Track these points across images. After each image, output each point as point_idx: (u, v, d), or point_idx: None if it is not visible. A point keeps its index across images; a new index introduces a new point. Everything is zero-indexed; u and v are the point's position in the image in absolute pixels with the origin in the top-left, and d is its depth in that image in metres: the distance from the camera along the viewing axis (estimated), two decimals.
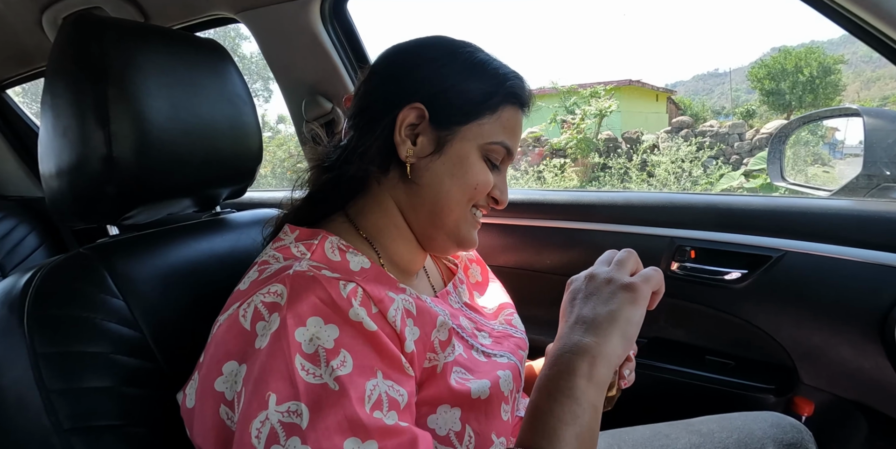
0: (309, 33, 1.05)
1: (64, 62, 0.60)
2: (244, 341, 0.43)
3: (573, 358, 0.46)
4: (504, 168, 0.62)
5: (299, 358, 0.41)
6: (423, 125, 0.56)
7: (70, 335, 0.50)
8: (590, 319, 0.49)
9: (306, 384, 0.40)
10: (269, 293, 0.44)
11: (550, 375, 0.46)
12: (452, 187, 0.56)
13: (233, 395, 0.42)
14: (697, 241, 0.96)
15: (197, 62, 0.70)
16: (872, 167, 0.94)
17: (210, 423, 0.44)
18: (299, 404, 0.39)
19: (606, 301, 0.50)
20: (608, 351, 0.47)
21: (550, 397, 0.44)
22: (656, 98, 14.14)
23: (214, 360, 0.44)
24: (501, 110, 0.58)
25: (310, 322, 0.42)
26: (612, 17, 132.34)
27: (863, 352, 0.86)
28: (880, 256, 0.82)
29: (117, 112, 0.58)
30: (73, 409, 0.47)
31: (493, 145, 0.57)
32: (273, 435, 0.39)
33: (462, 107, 0.56)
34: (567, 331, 0.50)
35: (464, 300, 0.69)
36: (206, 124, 0.68)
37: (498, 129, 0.58)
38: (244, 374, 0.42)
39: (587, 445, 0.44)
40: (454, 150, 0.56)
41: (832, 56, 15.31)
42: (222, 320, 0.46)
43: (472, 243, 0.62)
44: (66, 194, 0.61)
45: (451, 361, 0.53)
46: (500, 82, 0.58)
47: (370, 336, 0.44)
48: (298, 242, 0.54)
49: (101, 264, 0.56)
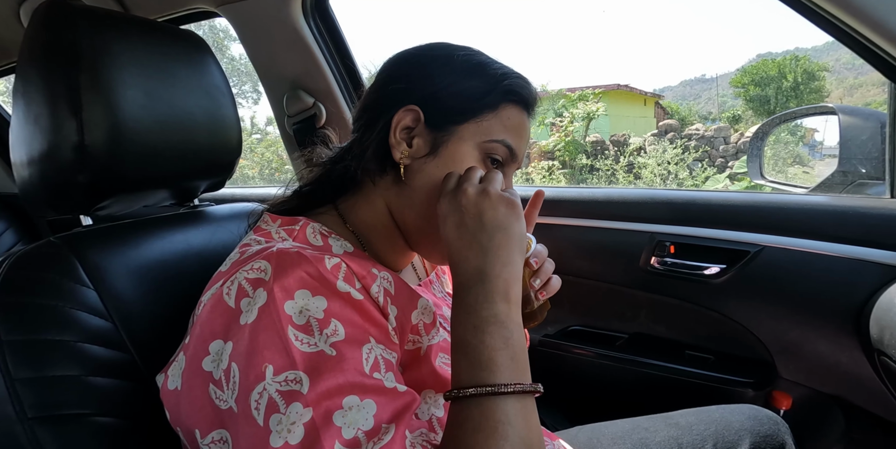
0: (290, 28, 1.04)
1: (35, 49, 0.59)
2: (229, 319, 0.43)
3: (485, 285, 0.46)
4: (509, 173, 0.59)
5: (292, 329, 0.41)
6: (419, 127, 0.55)
7: (37, 323, 0.49)
8: (486, 243, 0.47)
9: (302, 353, 0.40)
10: (253, 270, 0.44)
11: (466, 305, 0.46)
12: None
13: (220, 373, 0.42)
14: (677, 236, 0.97)
15: (174, 52, 0.69)
16: (848, 164, 0.96)
17: (199, 403, 0.43)
18: (297, 373, 0.39)
19: (494, 220, 0.48)
20: (514, 271, 0.47)
21: (477, 329, 0.44)
22: (644, 102, 14.29)
23: (200, 339, 0.44)
24: (502, 109, 0.56)
25: (297, 295, 0.42)
26: (598, 20, 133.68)
27: (839, 346, 0.87)
28: (855, 251, 0.84)
29: (90, 100, 0.57)
30: (38, 397, 0.47)
31: (493, 143, 0.55)
32: (272, 404, 0.38)
33: (458, 106, 0.55)
34: (462, 258, 0.48)
35: (446, 290, 0.69)
36: (182, 115, 0.67)
37: (498, 127, 0.55)
38: (230, 351, 0.41)
39: (522, 362, 0.44)
40: (449, 150, 0.55)
41: (816, 63, 15.60)
42: (206, 300, 0.45)
43: None
44: (38, 183, 0.60)
45: (436, 345, 0.53)
46: (499, 80, 0.56)
47: (358, 305, 0.45)
48: (280, 228, 0.54)
49: (71, 253, 0.55)
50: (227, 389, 0.41)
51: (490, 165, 0.56)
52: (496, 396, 0.41)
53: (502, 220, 0.48)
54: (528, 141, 0.60)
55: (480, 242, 0.47)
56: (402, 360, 0.50)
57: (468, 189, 0.49)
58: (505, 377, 0.42)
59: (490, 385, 0.41)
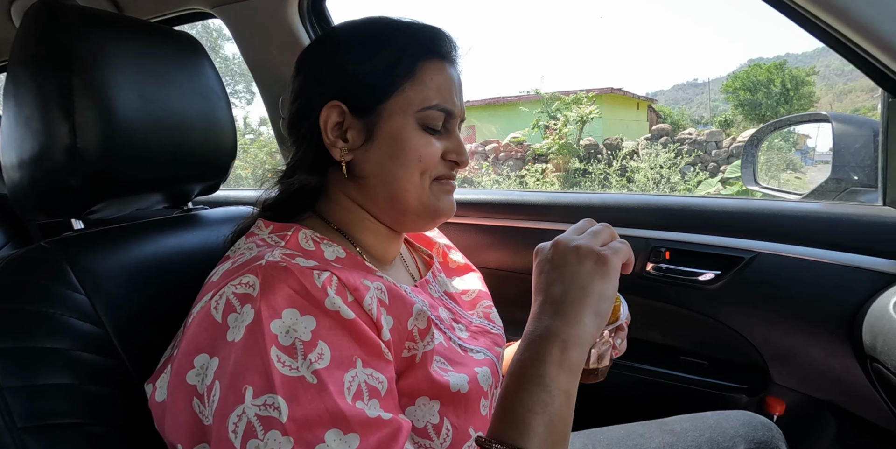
0: (286, 29, 1.03)
1: (27, 50, 0.58)
2: (215, 334, 0.42)
3: (543, 343, 0.44)
4: (453, 128, 0.58)
5: (275, 350, 0.40)
6: (347, 119, 0.55)
7: (27, 330, 0.48)
8: (558, 299, 0.46)
9: (282, 377, 0.39)
10: (241, 284, 0.43)
11: (521, 361, 0.45)
12: (396, 169, 0.55)
13: (203, 388, 0.41)
14: (672, 242, 0.97)
15: (168, 54, 0.68)
16: (841, 171, 0.97)
17: (182, 417, 0.42)
18: (275, 397, 0.38)
19: (575, 275, 0.46)
20: (579, 333, 0.44)
21: (520, 386, 0.43)
22: (637, 106, 14.38)
23: (186, 353, 0.43)
24: (420, 70, 0.54)
25: (285, 314, 0.41)
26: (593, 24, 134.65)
27: (832, 352, 0.88)
28: (848, 258, 0.84)
29: (83, 102, 0.56)
30: (28, 407, 0.46)
31: (426, 111, 0.54)
32: (250, 429, 0.38)
33: (374, 85, 0.54)
34: (537, 312, 0.47)
35: (443, 289, 0.68)
36: (176, 117, 0.66)
37: (423, 92, 0.54)
38: (216, 367, 0.41)
39: (559, 432, 0.42)
40: (384, 131, 0.54)
41: (803, 69, 15.77)
42: (195, 312, 0.45)
43: (446, 212, 0.59)
44: (28, 186, 0.59)
45: (431, 351, 0.52)
46: (407, 43, 0.54)
47: (348, 324, 0.43)
48: (272, 234, 0.54)
49: (62, 258, 0.54)
50: (208, 406, 0.41)
51: (430, 130, 0.55)
52: None
53: (583, 277, 0.46)
54: (461, 90, 0.59)
55: (554, 296, 0.46)
56: (398, 368, 0.49)
57: (561, 239, 0.49)
58: (534, 444, 0.40)
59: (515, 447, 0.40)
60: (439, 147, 0.56)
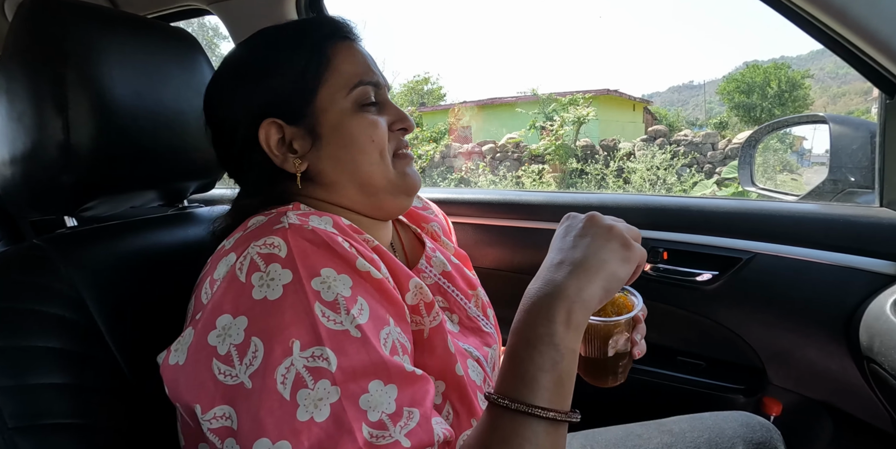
0: None
1: (21, 45, 0.58)
2: (240, 293, 0.42)
3: (552, 302, 0.44)
4: (385, 98, 0.58)
5: (319, 305, 0.41)
6: (287, 131, 0.54)
7: (19, 329, 0.47)
8: (578, 261, 0.46)
9: (328, 330, 0.40)
10: (266, 245, 0.43)
11: (528, 319, 0.45)
12: (354, 156, 0.54)
13: (227, 348, 0.41)
14: (670, 242, 0.97)
15: (164, 50, 0.68)
16: (838, 172, 0.97)
17: (202, 377, 0.42)
18: (324, 349, 0.40)
19: (600, 248, 0.46)
20: (587, 297, 0.45)
21: (529, 344, 0.43)
22: (633, 108, 14.43)
23: (211, 315, 0.43)
24: (334, 57, 0.54)
25: (324, 272, 0.43)
26: (590, 26, 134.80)
27: (829, 353, 0.88)
28: (845, 259, 0.84)
29: (76, 98, 0.55)
30: (19, 407, 0.45)
31: (356, 90, 0.54)
32: (299, 379, 0.39)
33: (297, 88, 0.53)
34: (550, 269, 0.47)
35: (441, 270, 0.66)
36: (172, 114, 0.66)
37: (343, 75, 0.54)
38: (245, 325, 0.41)
39: (566, 388, 0.43)
40: (326, 126, 0.54)
41: (798, 71, 15.87)
42: (220, 278, 0.44)
43: (416, 184, 0.59)
44: (21, 183, 0.58)
45: (439, 326, 0.52)
46: (306, 37, 0.55)
47: (377, 284, 0.45)
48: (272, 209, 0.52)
49: (55, 256, 0.53)
50: (240, 365, 0.40)
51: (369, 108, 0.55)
52: (530, 416, 0.40)
53: (606, 252, 0.46)
54: (374, 62, 0.59)
55: (573, 258, 0.46)
56: None
57: (597, 215, 0.50)
58: (543, 400, 0.41)
59: (527, 404, 0.41)
60: (381, 120, 0.56)
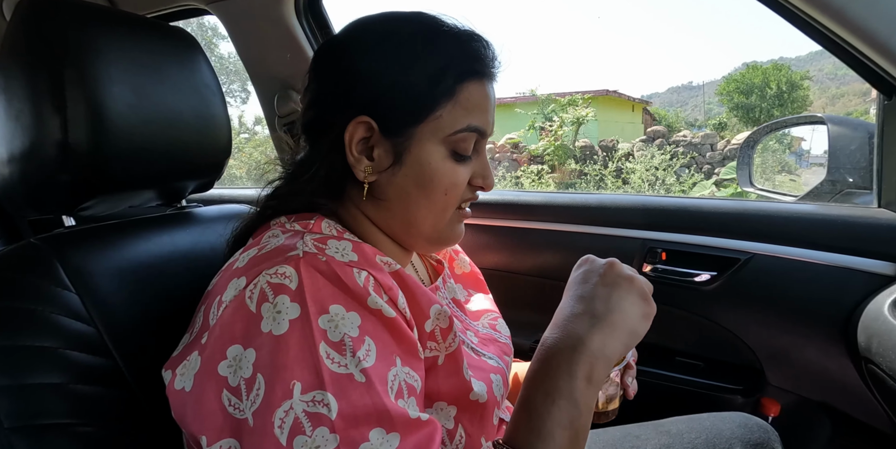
0: (283, 27, 1.03)
1: (18, 43, 0.57)
2: (249, 324, 0.41)
3: (575, 357, 0.43)
4: (481, 149, 0.54)
5: (324, 346, 0.39)
6: (375, 136, 0.50)
7: (16, 329, 0.47)
8: (601, 314, 0.45)
9: (332, 373, 0.39)
10: (277, 274, 0.42)
11: (549, 372, 0.44)
12: (420, 198, 0.51)
13: (237, 380, 0.40)
14: (669, 243, 0.97)
15: (162, 49, 0.67)
16: (836, 173, 0.97)
17: (210, 407, 0.41)
18: (325, 394, 0.38)
19: (622, 300, 0.46)
20: (610, 353, 0.44)
21: (548, 398, 0.42)
22: (632, 108, 14.44)
23: (220, 342, 0.41)
24: (459, 92, 0.49)
25: (333, 309, 0.41)
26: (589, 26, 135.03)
27: (827, 353, 0.88)
28: (844, 259, 0.85)
29: (75, 96, 0.55)
30: (16, 406, 0.45)
31: (459, 134, 0.50)
32: (297, 425, 0.37)
33: (410, 105, 0.49)
34: (569, 320, 0.46)
35: (452, 296, 0.66)
36: (170, 114, 0.66)
37: (460, 113, 0.49)
38: (254, 359, 0.39)
39: (580, 445, 0.43)
40: (414, 156, 0.50)
41: (798, 72, 15.88)
42: (228, 300, 0.43)
43: (455, 239, 0.57)
44: (18, 181, 0.58)
45: (455, 352, 0.51)
46: (449, 59, 0.49)
47: (389, 323, 0.43)
48: (294, 222, 0.51)
49: (53, 255, 0.53)
50: (247, 400, 0.39)
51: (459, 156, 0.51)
52: None
53: (628, 305, 0.46)
54: (494, 107, 0.54)
55: (596, 310, 0.45)
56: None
57: (618, 264, 0.49)
58: None
59: None
60: (466, 174, 0.52)
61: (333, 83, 0.51)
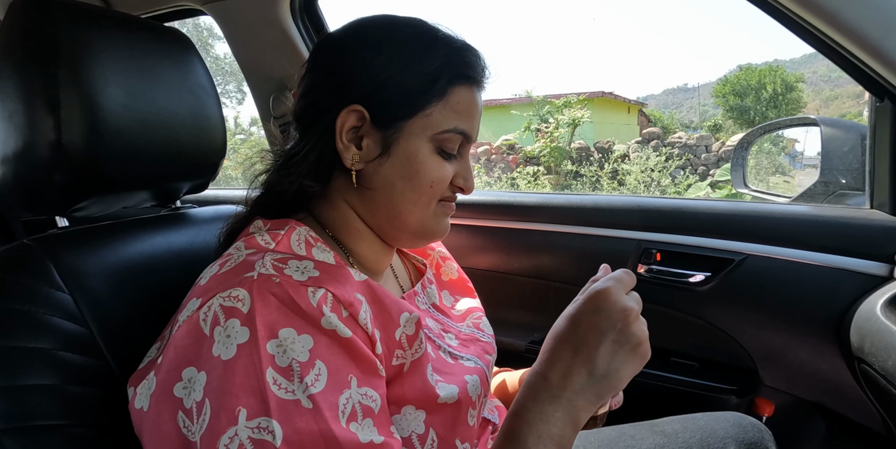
0: (278, 28, 1.03)
1: (12, 43, 0.57)
2: (201, 347, 0.41)
3: (570, 409, 0.46)
4: (465, 152, 0.57)
5: (271, 371, 0.39)
6: (365, 126, 0.51)
7: (8, 329, 0.47)
8: (601, 375, 0.46)
9: (278, 400, 0.38)
10: (230, 298, 0.42)
11: (543, 415, 0.46)
12: (406, 189, 0.53)
13: (191, 403, 0.40)
14: (663, 244, 0.98)
15: (157, 50, 0.67)
16: (829, 175, 0.98)
17: (165, 430, 0.41)
18: (270, 421, 0.38)
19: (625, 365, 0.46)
20: (596, 403, 0.47)
21: (540, 442, 0.45)
22: (628, 110, 14.50)
23: (174, 364, 0.42)
24: (450, 94, 0.52)
25: (282, 333, 0.40)
26: (584, 28, 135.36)
27: (820, 354, 0.88)
28: (837, 260, 0.85)
29: (69, 97, 0.55)
30: (8, 408, 0.44)
31: (446, 134, 0.52)
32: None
33: (404, 100, 0.51)
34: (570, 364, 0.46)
35: (431, 301, 0.67)
36: (165, 114, 0.65)
37: (448, 115, 0.52)
38: (204, 383, 0.40)
39: None
40: (402, 149, 0.52)
41: (793, 74, 15.98)
42: (182, 321, 0.43)
43: (441, 234, 0.58)
44: (12, 182, 0.58)
45: (421, 358, 0.51)
46: (444, 63, 0.51)
47: (345, 343, 0.43)
48: (265, 232, 0.51)
49: (46, 256, 0.53)
50: (196, 423, 0.39)
51: (445, 154, 0.53)
52: None
53: (625, 371, 0.46)
54: (480, 114, 0.57)
55: (596, 369, 0.46)
56: (388, 375, 0.48)
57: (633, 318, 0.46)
58: None
59: None
60: (451, 172, 0.54)
61: (331, 73, 0.53)
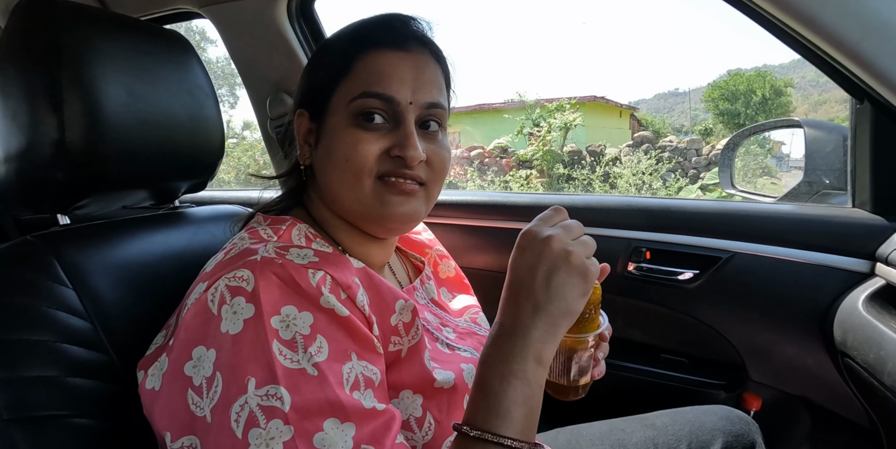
0: (275, 30, 1.04)
1: (15, 44, 0.58)
2: (210, 325, 0.43)
3: (525, 343, 0.45)
4: (403, 118, 0.52)
5: (277, 343, 0.41)
6: (311, 125, 0.56)
7: (13, 323, 0.48)
8: (542, 304, 0.45)
9: (284, 369, 0.41)
10: (235, 278, 0.44)
11: (501, 355, 0.45)
12: (331, 171, 0.53)
13: (200, 380, 0.42)
14: (653, 242, 1.00)
15: (156, 51, 0.69)
16: (813, 174, 1.01)
17: (175, 406, 0.43)
18: (278, 388, 0.40)
19: (562, 287, 0.45)
20: (554, 336, 0.46)
21: (504, 380, 0.44)
22: (620, 114, 14.61)
23: (184, 344, 0.44)
24: (355, 63, 0.53)
25: (284, 310, 0.43)
26: (576, 32, 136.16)
27: (806, 349, 0.91)
28: (821, 258, 0.87)
29: (71, 97, 0.56)
30: (13, 398, 0.45)
31: (356, 101, 0.51)
32: (252, 418, 0.39)
33: (321, 87, 0.55)
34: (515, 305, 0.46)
35: (430, 297, 0.69)
36: (164, 115, 0.67)
37: (356, 83, 0.52)
38: (214, 358, 0.42)
39: (534, 420, 0.45)
40: (324, 131, 0.54)
41: (782, 79, 16.17)
42: (190, 304, 0.45)
43: (393, 216, 0.53)
44: (14, 180, 0.59)
45: (417, 344, 0.53)
46: (349, 39, 0.55)
47: (343, 321, 0.45)
48: (267, 226, 0.54)
49: (49, 252, 0.54)
50: (206, 398, 0.41)
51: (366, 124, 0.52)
52: (502, 447, 0.42)
53: (569, 292, 0.45)
54: (423, 74, 0.53)
55: (538, 300, 0.45)
56: (385, 361, 0.50)
57: (556, 242, 0.45)
58: (515, 432, 0.43)
59: (500, 435, 0.42)
60: (377, 143, 0.52)
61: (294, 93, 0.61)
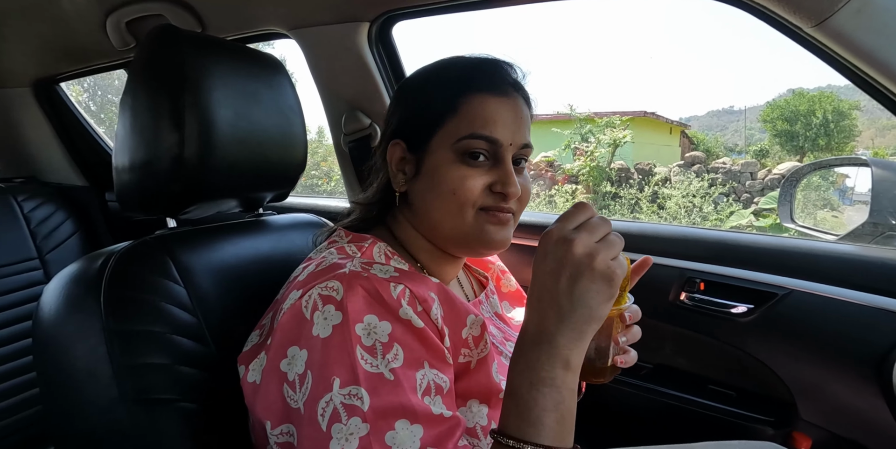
0: (355, 54, 1.12)
1: (146, 69, 0.67)
2: (303, 328, 0.49)
3: (552, 351, 0.46)
4: (502, 157, 0.58)
5: (360, 349, 0.47)
6: (407, 155, 0.62)
7: (138, 315, 0.56)
8: (567, 313, 0.45)
9: (365, 372, 0.46)
10: (327, 288, 0.50)
11: (529, 363, 0.46)
12: (433, 201, 0.59)
13: (294, 376, 0.48)
14: (706, 274, 1.00)
15: (257, 74, 0.76)
16: (878, 216, 0.99)
17: (272, 398, 0.50)
18: (359, 389, 0.45)
19: (587, 291, 0.45)
20: (582, 344, 0.47)
21: (533, 387, 0.45)
22: (670, 131, 14.23)
23: (280, 343, 0.50)
24: (462, 105, 0.58)
25: (367, 318, 0.49)
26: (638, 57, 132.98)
27: (860, 392, 0.89)
28: (881, 301, 0.86)
29: (190, 117, 0.64)
30: (137, 381, 0.53)
31: (463, 141, 0.57)
32: (335, 414, 0.45)
33: (425, 123, 0.60)
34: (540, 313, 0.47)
35: (494, 310, 0.73)
36: (260, 132, 0.74)
37: (463, 124, 0.57)
38: (305, 358, 0.48)
39: (568, 425, 0.46)
40: (428, 165, 0.60)
41: (848, 101, 15.40)
42: (286, 308, 0.52)
43: (489, 242, 0.59)
44: (136, 188, 0.67)
45: (486, 357, 0.58)
46: (455, 82, 0.59)
47: (418, 332, 0.50)
48: (351, 243, 0.60)
49: (164, 253, 0.62)
50: (299, 392, 0.47)
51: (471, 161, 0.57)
52: None
53: (593, 298, 0.45)
54: (516, 120, 0.59)
55: (562, 307, 0.46)
56: (455, 372, 0.55)
57: (578, 245, 0.45)
58: (548, 439, 0.44)
59: (533, 443, 0.44)
60: (481, 179, 0.58)
61: (388, 116, 0.66)
